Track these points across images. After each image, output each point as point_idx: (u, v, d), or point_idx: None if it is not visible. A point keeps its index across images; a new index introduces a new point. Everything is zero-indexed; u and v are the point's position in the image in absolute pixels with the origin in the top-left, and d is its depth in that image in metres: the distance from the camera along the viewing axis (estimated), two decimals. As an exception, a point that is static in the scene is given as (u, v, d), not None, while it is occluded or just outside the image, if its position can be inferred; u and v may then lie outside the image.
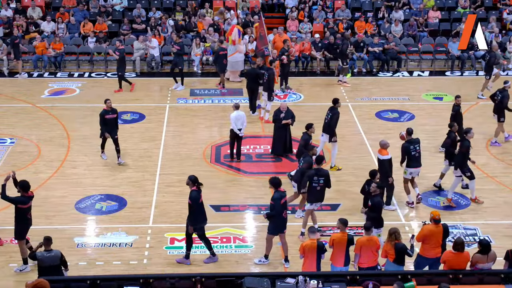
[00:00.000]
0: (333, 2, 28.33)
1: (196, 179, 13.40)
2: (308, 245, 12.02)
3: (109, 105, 17.38)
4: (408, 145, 15.78)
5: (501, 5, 28.55)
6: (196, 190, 13.32)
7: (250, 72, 20.63)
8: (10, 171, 13.82)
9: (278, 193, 13.30)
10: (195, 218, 13.40)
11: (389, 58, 25.26)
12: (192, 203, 13.25)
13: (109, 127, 17.39)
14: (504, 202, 16.16)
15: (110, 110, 17.39)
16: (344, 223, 12.30)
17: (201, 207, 13.47)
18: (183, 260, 13.72)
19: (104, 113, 17.33)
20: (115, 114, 17.51)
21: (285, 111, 17.86)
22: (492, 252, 11.69)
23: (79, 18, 26.59)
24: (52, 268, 11.81)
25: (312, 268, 12.00)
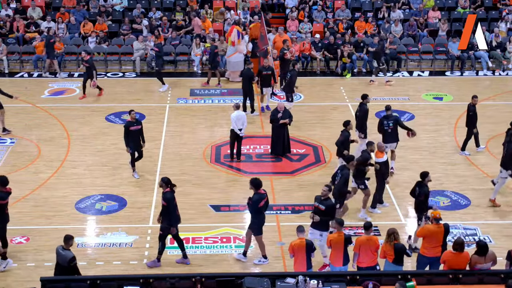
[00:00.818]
0: (333, 2, 28.33)
1: (169, 180, 13.38)
2: (297, 244, 12.05)
3: (133, 116, 16.74)
4: (383, 120, 17.09)
5: (501, 5, 28.55)
6: (170, 192, 13.30)
7: (245, 73, 20.65)
8: None
9: (258, 195, 13.30)
10: (171, 219, 13.35)
11: (389, 58, 25.25)
12: (167, 204, 13.21)
13: (133, 139, 16.65)
14: (504, 202, 16.14)
15: (134, 121, 16.75)
16: (339, 223, 12.32)
17: (176, 208, 13.45)
18: (183, 260, 13.72)
19: (129, 124, 16.68)
20: (139, 125, 16.82)
21: (282, 111, 17.88)
22: (490, 253, 11.67)
23: (79, 18, 26.58)
24: (62, 267, 11.77)
25: (303, 267, 12.03)
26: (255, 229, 13.48)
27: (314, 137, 19.49)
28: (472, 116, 18.05)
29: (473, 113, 18.05)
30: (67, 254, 11.67)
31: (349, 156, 15.12)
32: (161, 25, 26.37)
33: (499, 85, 23.64)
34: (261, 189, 13.41)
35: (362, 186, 15.19)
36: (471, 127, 18.12)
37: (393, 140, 17.02)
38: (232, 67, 23.91)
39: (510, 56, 25.34)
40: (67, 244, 11.79)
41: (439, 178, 17.21)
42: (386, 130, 16.94)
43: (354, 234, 14.47)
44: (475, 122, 18.05)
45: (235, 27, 24.15)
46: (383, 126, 16.96)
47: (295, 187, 16.83)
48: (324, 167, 17.81)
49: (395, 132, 16.98)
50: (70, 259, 11.63)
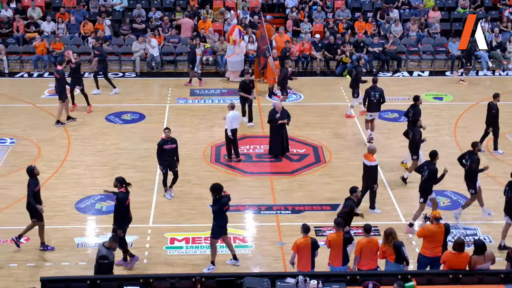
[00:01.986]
0: (333, 2, 28.33)
1: (123, 180, 13.28)
2: (302, 242, 12.04)
3: (167, 134, 15.84)
4: (370, 91, 18.72)
5: (501, 5, 28.55)
6: (124, 192, 13.22)
7: (241, 84, 20.00)
8: None
9: (226, 197, 13.29)
10: (121, 220, 13.26)
11: (389, 58, 25.26)
12: (118, 204, 13.13)
13: (167, 158, 15.91)
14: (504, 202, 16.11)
15: (169, 140, 15.93)
16: (338, 224, 12.31)
17: (127, 209, 13.35)
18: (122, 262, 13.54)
19: (163, 143, 15.85)
20: (174, 144, 15.93)
21: (280, 111, 17.88)
22: (488, 252, 11.68)
23: (79, 18, 26.58)
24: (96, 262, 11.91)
25: (307, 266, 12.02)
26: (216, 232, 13.35)
27: (314, 137, 19.49)
28: (495, 115, 18.04)
29: (496, 112, 18.03)
30: (100, 250, 11.84)
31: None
32: (161, 25, 26.37)
33: (499, 85, 23.62)
34: (226, 191, 13.34)
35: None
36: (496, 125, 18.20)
37: (377, 109, 18.86)
38: (232, 67, 23.92)
39: (510, 56, 25.34)
40: (109, 243, 11.89)
41: (439, 178, 17.21)
42: (372, 101, 18.71)
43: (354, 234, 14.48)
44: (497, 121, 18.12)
45: (236, 27, 24.16)
46: (370, 96, 18.69)
47: (295, 187, 16.83)
48: (324, 167, 17.81)
49: (379, 103, 18.77)
50: (101, 256, 11.75)
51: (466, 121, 20.65)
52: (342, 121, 20.63)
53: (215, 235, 13.38)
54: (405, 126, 20.33)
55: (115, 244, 12.02)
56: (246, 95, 19.54)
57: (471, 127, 20.14)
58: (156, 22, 26.41)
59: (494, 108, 18.09)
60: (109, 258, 11.84)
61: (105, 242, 12.01)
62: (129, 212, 13.47)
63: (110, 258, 11.88)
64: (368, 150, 15.36)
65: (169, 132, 15.85)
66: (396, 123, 20.55)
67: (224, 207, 13.24)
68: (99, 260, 11.78)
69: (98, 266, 11.85)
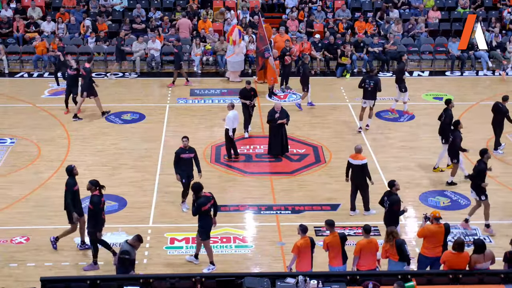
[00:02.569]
0: (333, 2, 28.33)
1: (97, 183, 13.25)
2: (302, 243, 12.03)
3: (185, 143, 15.30)
4: (366, 79, 19.38)
5: (501, 5, 28.54)
6: (98, 195, 13.18)
7: (241, 91, 19.54)
8: None
9: (205, 198, 13.22)
10: (96, 223, 13.22)
11: (389, 58, 25.25)
12: (93, 207, 13.07)
13: (185, 167, 15.34)
14: (504, 202, 16.16)
15: (187, 149, 15.37)
16: (330, 224, 12.30)
17: (101, 212, 13.32)
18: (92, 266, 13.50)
19: (180, 151, 15.31)
20: (192, 154, 15.36)
21: (279, 111, 17.89)
22: (488, 251, 11.69)
23: (79, 18, 26.58)
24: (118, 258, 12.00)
25: (308, 267, 12.02)
26: (202, 233, 13.31)
27: (314, 137, 19.49)
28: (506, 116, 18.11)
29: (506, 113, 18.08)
30: (123, 246, 11.89)
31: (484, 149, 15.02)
32: (162, 25, 26.37)
33: (499, 85, 23.62)
34: (206, 192, 13.29)
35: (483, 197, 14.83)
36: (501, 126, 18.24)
37: (372, 98, 19.33)
38: (232, 67, 23.92)
39: (510, 56, 25.35)
40: (133, 241, 11.90)
41: (439, 178, 17.21)
42: (366, 88, 19.28)
43: (354, 234, 14.50)
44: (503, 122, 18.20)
45: (236, 27, 24.17)
46: (365, 84, 19.29)
47: (295, 187, 16.83)
48: (324, 167, 17.82)
49: (374, 91, 19.24)
50: (123, 251, 11.78)
51: (466, 121, 20.56)
52: (342, 121, 20.63)
53: (204, 237, 13.35)
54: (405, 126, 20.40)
55: (138, 243, 12.00)
56: (244, 101, 19.16)
57: (471, 127, 20.11)
58: (156, 22, 26.40)
59: (505, 109, 18.09)
60: (131, 254, 11.85)
61: (128, 239, 12.03)
62: (103, 214, 13.38)
63: (132, 255, 11.89)
64: (356, 150, 15.28)
65: (187, 141, 15.32)
66: (396, 123, 20.54)
67: (202, 208, 13.15)
68: (120, 255, 11.80)
69: (120, 262, 11.85)
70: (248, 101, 19.13)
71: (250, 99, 19.14)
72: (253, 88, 19.48)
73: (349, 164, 15.33)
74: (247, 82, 19.46)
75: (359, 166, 15.15)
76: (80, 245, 14.16)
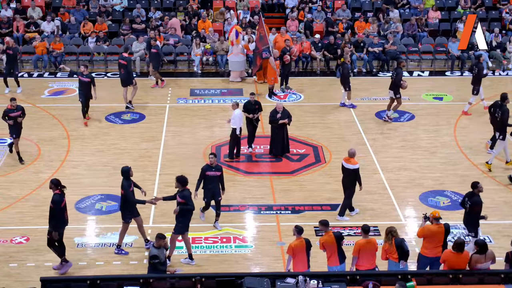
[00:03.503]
0: (333, 2, 28.33)
1: (58, 182, 13.19)
2: (297, 244, 12.01)
3: (212, 160, 14.59)
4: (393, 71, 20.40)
5: (501, 5, 28.55)
6: (59, 194, 13.11)
7: (245, 104, 18.37)
8: None
9: (188, 191, 13.27)
10: (56, 223, 13.12)
11: (389, 58, 25.26)
12: (54, 206, 12.99)
13: (210, 186, 14.70)
14: (504, 202, 16.16)
15: (213, 166, 14.67)
16: (324, 224, 12.29)
17: (63, 211, 13.23)
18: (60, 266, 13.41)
19: (206, 168, 14.65)
20: (219, 172, 14.60)
21: (281, 111, 17.87)
22: (489, 252, 11.69)
23: (79, 18, 26.59)
24: None
25: (304, 267, 12.02)
26: (180, 228, 13.37)
27: (314, 137, 19.49)
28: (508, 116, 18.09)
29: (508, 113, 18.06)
30: (151, 251, 11.82)
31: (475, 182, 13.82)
32: (162, 25, 26.36)
33: (499, 85, 23.62)
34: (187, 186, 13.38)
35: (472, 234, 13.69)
36: None
37: (391, 88, 20.17)
38: (231, 66, 23.93)
39: (510, 56, 25.35)
40: (157, 242, 11.88)
41: (439, 178, 17.22)
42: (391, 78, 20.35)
43: (354, 234, 14.51)
44: None
45: (235, 27, 24.19)
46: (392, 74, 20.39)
47: (295, 187, 16.83)
48: (324, 167, 17.82)
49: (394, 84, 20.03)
50: (151, 256, 11.73)
51: (466, 121, 20.65)
52: (342, 121, 20.64)
53: (178, 231, 13.40)
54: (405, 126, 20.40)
55: (163, 241, 11.97)
56: (247, 114, 18.02)
57: (471, 127, 20.15)
58: (156, 22, 26.40)
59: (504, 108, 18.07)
60: (160, 257, 11.83)
61: (153, 242, 11.98)
62: (65, 214, 13.29)
63: (161, 257, 11.88)
64: (349, 154, 15.08)
65: (214, 158, 14.61)
66: (396, 123, 20.54)
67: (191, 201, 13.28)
68: (150, 261, 11.74)
69: (152, 267, 11.81)
70: (251, 114, 18.07)
71: (254, 112, 18.12)
72: (258, 101, 18.52)
73: (342, 166, 15.23)
74: (251, 94, 18.36)
75: (350, 170, 15.02)
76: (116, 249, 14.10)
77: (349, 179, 15.11)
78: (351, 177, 15.05)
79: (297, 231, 12.11)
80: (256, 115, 18.13)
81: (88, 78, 19.74)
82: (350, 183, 15.13)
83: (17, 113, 17.36)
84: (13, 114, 17.31)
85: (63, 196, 13.21)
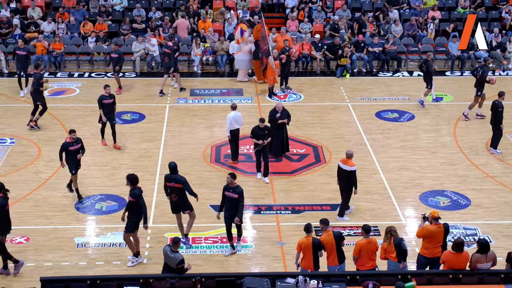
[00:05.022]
0: (333, 2, 28.32)
1: (2, 186, 13.08)
2: (304, 242, 12.07)
3: (229, 180, 13.79)
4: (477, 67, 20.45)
5: (501, 5, 28.55)
6: (3, 197, 13.01)
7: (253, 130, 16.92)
8: None
9: (138, 189, 13.36)
10: (2, 226, 13.05)
11: (389, 58, 25.25)
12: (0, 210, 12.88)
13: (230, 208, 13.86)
14: (504, 202, 16.16)
15: (232, 188, 13.79)
16: (325, 223, 12.32)
17: (7, 215, 13.15)
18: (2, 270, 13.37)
19: (225, 189, 13.94)
20: (236, 195, 13.70)
21: (280, 111, 17.86)
22: (491, 252, 11.69)
23: (79, 18, 26.59)
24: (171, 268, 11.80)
25: (310, 266, 12.05)
26: (131, 226, 13.41)
27: (314, 137, 19.49)
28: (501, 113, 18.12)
29: (502, 110, 18.11)
30: (175, 257, 11.68)
31: None
32: (162, 25, 26.37)
33: (499, 85, 23.61)
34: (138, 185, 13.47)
35: None
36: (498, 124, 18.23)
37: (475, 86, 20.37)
38: (238, 65, 23.92)
39: (510, 56, 25.35)
40: (175, 247, 11.81)
41: (439, 178, 17.23)
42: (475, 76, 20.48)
43: (354, 234, 14.51)
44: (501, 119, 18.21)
45: (240, 25, 24.19)
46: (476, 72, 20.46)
47: (295, 187, 16.83)
48: (324, 167, 17.82)
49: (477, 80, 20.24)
50: (179, 261, 11.64)
51: (466, 121, 20.64)
52: (342, 121, 20.64)
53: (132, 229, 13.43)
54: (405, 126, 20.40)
55: (178, 245, 11.92)
56: (256, 141, 16.69)
57: (471, 127, 20.15)
58: (156, 22, 26.40)
59: (500, 106, 18.10)
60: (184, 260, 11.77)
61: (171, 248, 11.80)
62: (8, 218, 13.21)
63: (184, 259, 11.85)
64: (347, 155, 15.05)
65: (231, 179, 13.75)
66: (396, 123, 20.54)
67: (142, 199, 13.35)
68: (179, 265, 11.64)
69: (181, 271, 11.68)
70: (260, 141, 16.73)
71: (263, 138, 16.72)
72: (268, 127, 16.96)
73: (339, 167, 15.22)
74: (261, 120, 16.83)
75: (346, 172, 14.99)
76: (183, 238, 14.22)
77: (344, 180, 15.07)
78: (346, 178, 15.02)
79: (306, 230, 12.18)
80: (266, 142, 16.70)
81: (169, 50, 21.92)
82: (346, 185, 15.10)
83: (76, 147, 15.90)
84: (73, 147, 15.83)
85: (7, 200, 13.08)
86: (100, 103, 18.23)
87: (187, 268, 11.80)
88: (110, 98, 18.31)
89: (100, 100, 18.21)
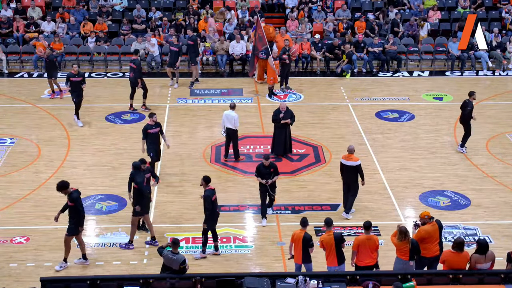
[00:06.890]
0: (333, 2, 28.32)
1: None
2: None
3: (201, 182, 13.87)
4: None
5: (501, 5, 28.55)
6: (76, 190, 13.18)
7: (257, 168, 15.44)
8: None
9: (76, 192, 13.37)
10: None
11: (389, 58, 25.25)
12: None
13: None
14: (504, 202, 16.16)
15: None
16: (327, 223, 12.35)
17: None
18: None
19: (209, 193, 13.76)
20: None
21: (284, 111, 17.85)
22: (490, 253, 11.68)
23: (79, 18, 26.59)
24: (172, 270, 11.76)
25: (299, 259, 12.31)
26: (71, 229, 13.42)
27: (314, 137, 19.49)
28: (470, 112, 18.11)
29: (471, 109, 18.11)
30: (178, 258, 11.67)
31: None
32: (162, 25, 26.37)
33: (499, 85, 23.65)
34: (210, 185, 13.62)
35: None
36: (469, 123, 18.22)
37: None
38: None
39: (510, 56, 25.35)
40: (176, 248, 11.80)
41: (439, 178, 17.23)
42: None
43: (354, 234, 14.50)
44: None
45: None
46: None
47: (295, 187, 16.83)
48: (324, 167, 17.82)
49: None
50: (182, 261, 11.65)
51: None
52: (342, 121, 20.64)
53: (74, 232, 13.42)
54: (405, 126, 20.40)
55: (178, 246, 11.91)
56: (260, 180, 15.24)
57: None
58: (156, 22, 26.40)
59: (470, 105, 18.14)
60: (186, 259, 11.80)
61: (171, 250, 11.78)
62: None
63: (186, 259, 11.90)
64: (349, 150, 15.08)
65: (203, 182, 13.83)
66: (396, 123, 20.54)
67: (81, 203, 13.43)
68: (181, 266, 11.64)
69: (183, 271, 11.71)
70: (264, 180, 15.22)
71: (268, 177, 15.26)
72: (273, 165, 15.43)
73: (342, 165, 15.23)
74: (265, 157, 15.29)
75: (352, 167, 15.02)
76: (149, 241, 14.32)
77: (350, 176, 15.09)
78: (352, 174, 15.06)
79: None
80: (271, 181, 15.23)
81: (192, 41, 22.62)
82: (352, 180, 15.12)
83: (156, 129, 16.23)
84: (152, 130, 16.16)
85: None
86: (145, 132, 16.48)
87: None
88: (156, 127, 16.54)
89: (145, 130, 16.48)
